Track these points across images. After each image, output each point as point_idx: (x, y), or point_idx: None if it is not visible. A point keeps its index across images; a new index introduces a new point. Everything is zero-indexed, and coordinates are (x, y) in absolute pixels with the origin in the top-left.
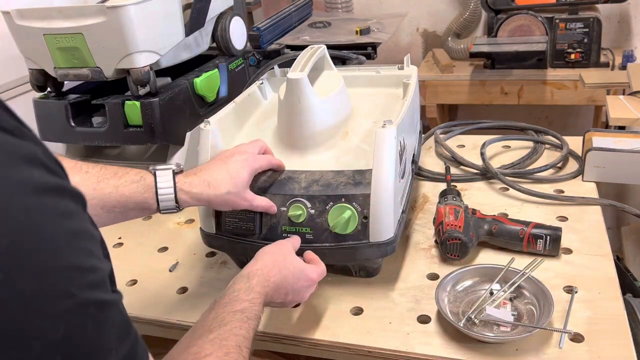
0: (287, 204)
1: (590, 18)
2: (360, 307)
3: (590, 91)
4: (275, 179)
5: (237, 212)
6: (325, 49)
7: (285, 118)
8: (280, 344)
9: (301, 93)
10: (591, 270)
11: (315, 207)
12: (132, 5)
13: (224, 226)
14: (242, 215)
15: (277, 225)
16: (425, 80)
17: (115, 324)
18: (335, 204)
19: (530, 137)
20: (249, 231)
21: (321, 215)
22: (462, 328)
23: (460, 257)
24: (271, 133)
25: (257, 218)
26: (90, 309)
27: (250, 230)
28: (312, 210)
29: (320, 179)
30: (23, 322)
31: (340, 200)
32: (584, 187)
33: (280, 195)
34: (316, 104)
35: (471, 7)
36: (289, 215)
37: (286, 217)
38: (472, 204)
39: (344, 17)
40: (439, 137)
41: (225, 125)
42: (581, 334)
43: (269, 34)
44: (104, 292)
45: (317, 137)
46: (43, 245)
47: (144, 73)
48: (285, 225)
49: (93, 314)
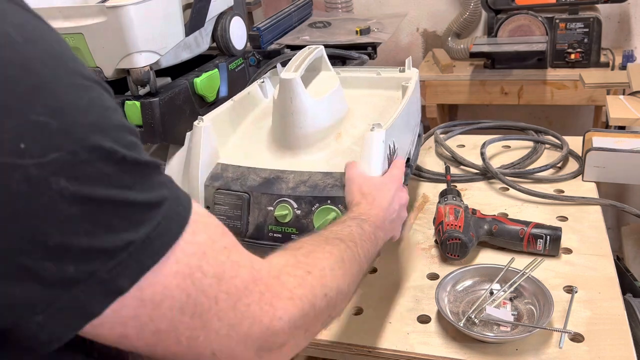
0: (274, 203)
1: (590, 18)
2: (360, 307)
3: (590, 91)
4: (264, 178)
5: (225, 209)
6: (322, 50)
7: (278, 118)
8: None
9: (294, 93)
10: (591, 270)
11: (301, 208)
12: (132, 5)
13: None
14: (230, 213)
15: (264, 224)
16: (425, 80)
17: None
18: (322, 206)
19: (530, 137)
20: (236, 229)
21: (307, 216)
22: (462, 328)
23: (460, 257)
24: (266, 132)
25: (244, 216)
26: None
27: (237, 228)
28: (299, 211)
29: (308, 180)
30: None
31: (326, 202)
32: (584, 187)
33: (267, 195)
34: (309, 105)
35: (471, 7)
36: (275, 214)
37: (273, 217)
38: (472, 204)
39: (344, 17)
40: (439, 137)
41: (221, 122)
42: (581, 334)
43: (269, 34)
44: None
45: (309, 138)
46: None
47: (144, 73)
48: (272, 225)
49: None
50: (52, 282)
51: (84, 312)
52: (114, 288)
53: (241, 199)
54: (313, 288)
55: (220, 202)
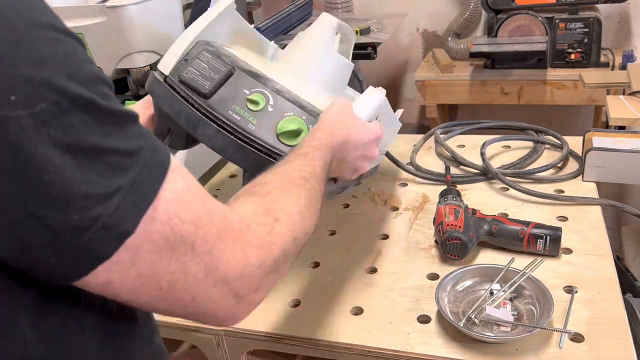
0: (252, 89)
1: (590, 18)
2: (360, 307)
3: (590, 91)
4: (255, 71)
5: (203, 67)
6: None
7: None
8: (280, 344)
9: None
10: (591, 270)
11: (275, 107)
12: (132, 5)
13: (180, 73)
14: (204, 72)
15: (229, 101)
16: (425, 80)
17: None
18: (294, 115)
19: (530, 137)
20: (200, 88)
21: (275, 117)
22: (462, 328)
23: (460, 257)
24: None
25: (216, 83)
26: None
27: (202, 87)
28: (271, 108)
29: (295, 97)
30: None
31: (302, 117)
32: (584, 187)
33: (250, 80)
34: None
35: (471, 7)
36: (248, 98)
37: (244, 99)
38: (472, 204)
39: (344, 17)
40: (439, 137)
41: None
42: (581, 334)
43: (269, 34)
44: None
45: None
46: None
47: (144, 73)
48: (237, 106)
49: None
50: (61, 229)
51: (95, 256)
52: (121, 231)
53: (224, 67)
54: (282, 234)
55: (203, 58)
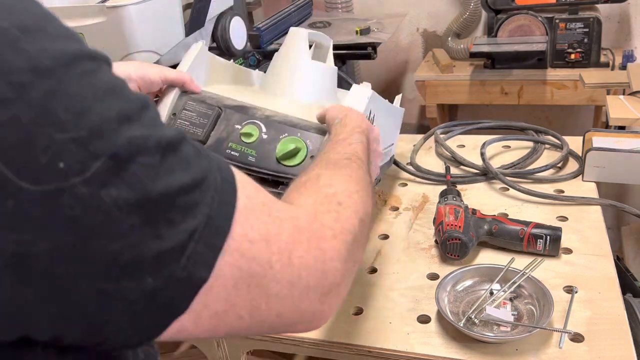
0: (243, 123)
1: (590, 18)
2: (360, 307)
3: (590, 91)
4: (241, 104)
5: (192, 115)
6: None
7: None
8: (281, 344)
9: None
10: (591, 270)
11: (269, 134)
12: (132, 5)
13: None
14: (195, 120)
15: (225, 140)
16: (425, 80)
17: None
18: (290, 135)
19: (530, 137)
20: (194, 136)
21: (272, 142)
22: (462, 328)
23: (460, 257)
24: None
25: (208, 127)
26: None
27: (195, 135)
28: (265, 136)
29: (285, 118)
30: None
31: (296, 134)
32: (584, 187)
33: (239, 114)
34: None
35: (471, 7)
36: (242, 132)
37: (237, 135)
38: (472, 204)
39: (344, 17)
40: (439, 137)
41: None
42: (581, 334)
43: (269, 34)
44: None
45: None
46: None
47: None
48: (233, 143)
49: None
50: (135, 298)
51: (170, 313)
52: (196, 281)
53: (212, 110)
54: (350, 218)
55: (189, 108)
